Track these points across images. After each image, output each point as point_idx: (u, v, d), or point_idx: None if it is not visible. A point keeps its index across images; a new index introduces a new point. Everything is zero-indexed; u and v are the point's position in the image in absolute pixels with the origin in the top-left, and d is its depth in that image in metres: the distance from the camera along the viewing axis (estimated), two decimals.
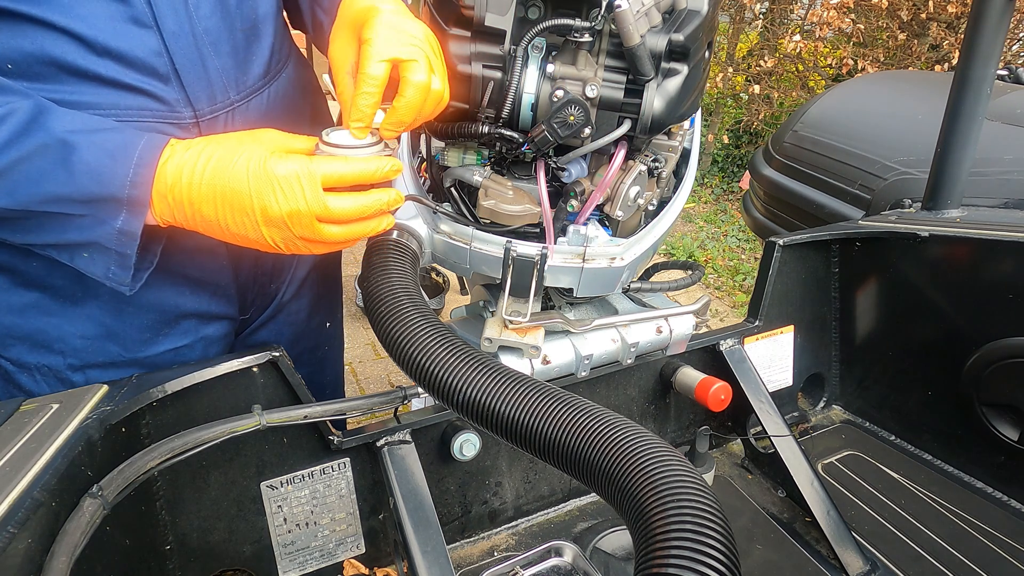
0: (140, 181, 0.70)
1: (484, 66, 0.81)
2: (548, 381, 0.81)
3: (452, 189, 0.93)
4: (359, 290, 1.34)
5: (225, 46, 0.85)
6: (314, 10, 1.00)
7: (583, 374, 1.05)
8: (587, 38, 0.79)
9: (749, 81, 5.42)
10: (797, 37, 5.02)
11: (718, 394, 1.13)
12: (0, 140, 0.67)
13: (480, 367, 0.74)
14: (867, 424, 1.46)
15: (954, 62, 3.74)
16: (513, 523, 1.17)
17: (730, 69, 5.66)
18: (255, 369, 0.90)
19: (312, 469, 0.98)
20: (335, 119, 0.88)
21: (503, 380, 0.72)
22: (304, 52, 3.94)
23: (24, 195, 0.69)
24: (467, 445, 1.03)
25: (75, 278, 0.84)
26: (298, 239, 0.74)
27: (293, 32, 1.06)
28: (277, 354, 0.90)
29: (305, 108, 1.03)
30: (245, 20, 0.88)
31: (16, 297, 0.85)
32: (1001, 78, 2.67)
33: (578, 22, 0.77)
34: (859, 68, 4.77)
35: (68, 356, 0.89)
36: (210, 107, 0.84)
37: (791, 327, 1.39)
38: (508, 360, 0.94)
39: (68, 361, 0.90)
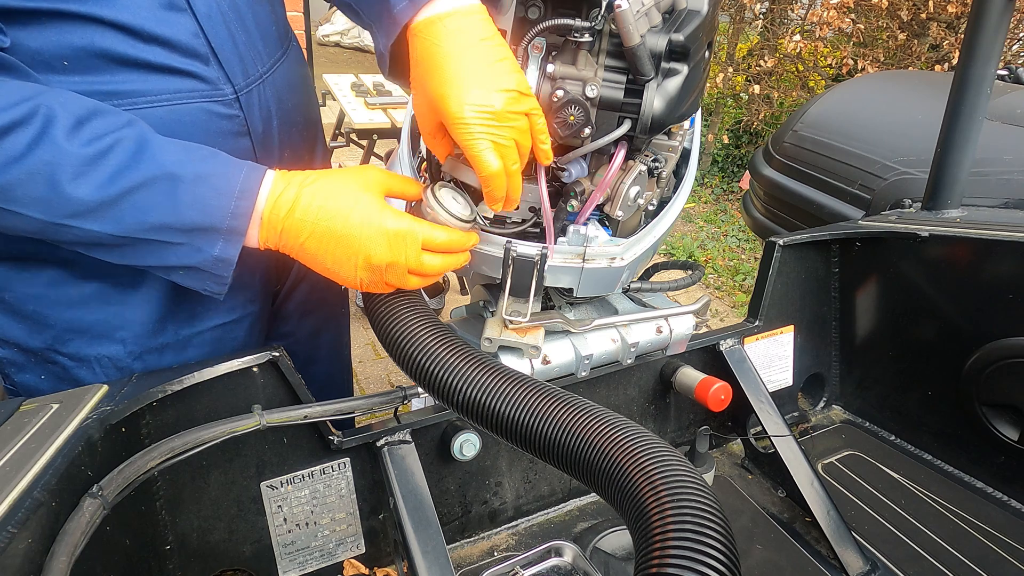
0: (240, 213, 0.74)
1: None
2: (548, 381, 0.81)
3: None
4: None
5: (247, 21, 0.89)
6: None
7: (583, 374, 1.05)
8: (587, 38, 0.78)
9: (749, 81, 5.42)
10: (797, 37, 5.02)
11: (718, 394, 1.12)
12: (110, 171, 0.69)
13: (480, 367, 0.74)
14: (867, 424, 1.46)
15: (954, 62, 3.74)
16: (513, 523, 1.17)
17: (730, 69, 5.65)
18: (255, 369, 0.90)
19: (312, 469, 0.98)
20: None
21: (503, 380, 0.72)
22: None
23: (130, 223, 0.72)
24: (467, 445, 1.03)
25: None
26: (383, 282, 0.79)
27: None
28: (277, 354, 0.90)
29: (307, 73, 1.09)
30: None
31: (76, 290, 0.86)
32: (1001, 78, 2.67)
33: (578, 22, 0.77)
34: (859, 68, 4.77)
35: (129, 344, 0.90)
36: (245, 81, 0.88)
37: (791, 327, 1.39)
38: (508, 360, 0.94)
39: (128, 349, 0.91)
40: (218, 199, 0.73)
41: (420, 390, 0.86)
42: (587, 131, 0.81)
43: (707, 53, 0.86)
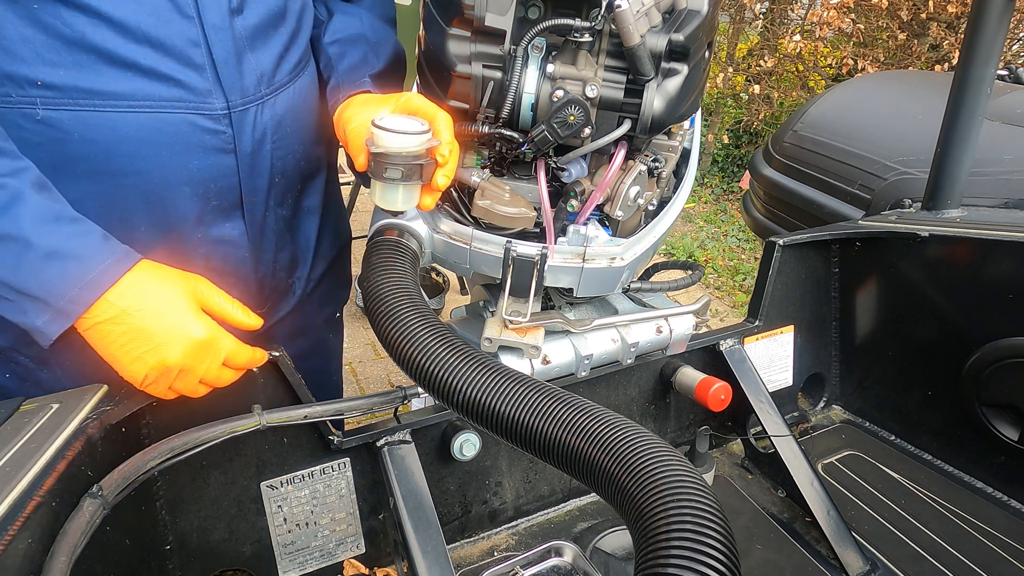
0: (79, 300, 0.72)
1: (484, 66, 0.81)
2: (548, 381, 0.81)
3: (451, 190, 0.93)
4: (359, 290, 1.35)
5: (260, 42, 0.87)
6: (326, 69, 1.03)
7: (583, 374, 1.05)
8: (587, 38, 0.79)
9: (749, 81, 5.42)
10: (797, 37, 5.02)
11: (718, 394, 1.13)
12: None
13: (480, 367, 0.74)
14: (867, 424, 1.46)
15: (954, 62, 3.74)
16: (513, 523, 1.17)
17: (730, 69, 5.65)
18: (255, 369, 0.90)
19: (312, 469, 0.98)
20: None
21: (503, 380, 0.72)
22: None
23: None
24: (467, 445, 1.03)
25: None
26: (167, 387, 0.80)
27: None
28: (277, 354, 0.90)
29: (319, 101, 1.05)
30: (284, 19, 0.91)
31: None
32: (1001, 78, 2.67)
33: (578, 22, 0.77)
34: (859, 68, 4.77)
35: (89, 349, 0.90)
36: (242, 99, 0.86)
37: (791, 327, 1.39)
38: (508, 360, 0.94)
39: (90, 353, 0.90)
40: (62, 281, 0.72)
41: (420, 390, 0.86)
42: (587, 131, 0.81)
43: (707, 53, 0.86)
